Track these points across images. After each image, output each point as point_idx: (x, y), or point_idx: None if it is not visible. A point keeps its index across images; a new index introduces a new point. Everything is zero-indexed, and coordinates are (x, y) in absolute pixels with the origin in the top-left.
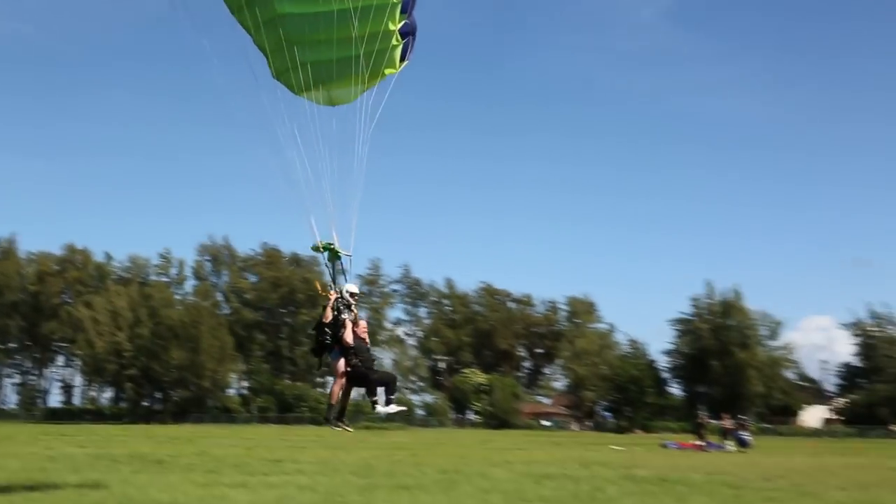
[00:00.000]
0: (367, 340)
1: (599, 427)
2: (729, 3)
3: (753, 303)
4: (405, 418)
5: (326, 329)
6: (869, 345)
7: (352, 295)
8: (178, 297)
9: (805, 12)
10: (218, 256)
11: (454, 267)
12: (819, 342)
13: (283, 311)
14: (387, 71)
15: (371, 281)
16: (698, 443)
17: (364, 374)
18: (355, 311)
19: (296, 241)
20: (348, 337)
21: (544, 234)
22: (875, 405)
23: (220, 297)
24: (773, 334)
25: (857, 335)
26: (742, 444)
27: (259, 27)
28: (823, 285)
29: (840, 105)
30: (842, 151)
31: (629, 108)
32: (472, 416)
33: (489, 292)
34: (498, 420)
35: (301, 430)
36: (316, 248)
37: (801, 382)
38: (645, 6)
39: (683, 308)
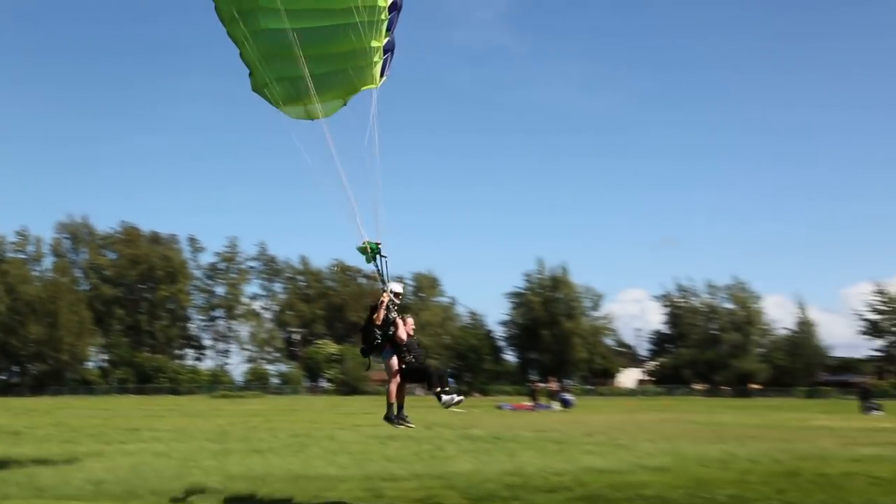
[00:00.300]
0: (415, 337)
1: None
2: (555, 6)
3: (578, 277)
4: (261, 387)
5: (377, 329)
6: (676, 314)
7: (396, 294)
8: (35, 273)
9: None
10: (77, 234)
11: (309, 245)
12: (634, 312)
13: (143, 286)
14: (366, 86)
15: (228, 258)
16: (529, 404)
17: (423, 369)
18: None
19: (155, 221)
20: (402, 335)
21: (392, 216)
22: (680, 367)
23: (79, 273)
24: (595, 305)
25: (665, 306)
26: (565, 404)
27: (246, 41)
28: (638, 261)
29: (652, 94)
30: (652, 138)
31: (468, 100)
32: (324, 384)
33: (341, 269)
34: (349, 387)
35: (159, 400)
36: (363, 249)
37: (618, 348)
38: (484, 7)
39: (517, 283)
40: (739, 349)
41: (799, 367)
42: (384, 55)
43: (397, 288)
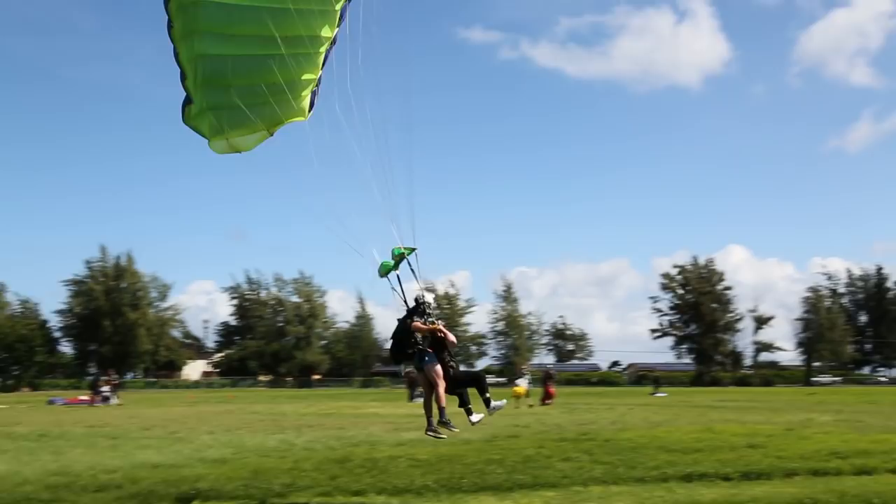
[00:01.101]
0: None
1: None
2: None
3: (146, 267)
4: None
5: (416, 336)
6: (244, 306)
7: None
8: None
9: None
10: None
11: None
12: (203, 304)
13: None
14: (294, 119)
15: None
16: (87, 398)
17: (473, 375)
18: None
19: None
20: (453, 338)
21: None
22: (247, 359)
23: None
24: (163, 296)
25: (234, 297)
26: (106, 400)
27: (188, 64)
28: (209, 252)
29: None
30: None
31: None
32: None
33: None
34: None
35: None
36: (400, 255)
37: (185, 340)
38: None
39: (78, 270)
40: (303, 341)
41: (357, 359)
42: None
43: (430, 297)
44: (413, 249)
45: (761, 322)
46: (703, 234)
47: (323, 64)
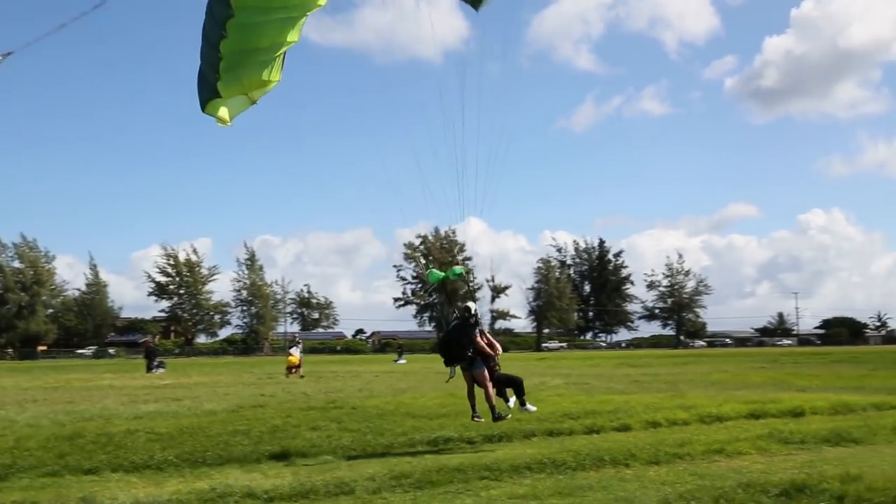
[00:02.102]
0: None
1: None
2: None
3: None
4: None
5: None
6: None
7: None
8: None
9: None
10: None
11: None
12: None
13: None
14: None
15: None
16: None
17: (513, 379)
18: None
19: None
20: (500, 349)
21: None
22: None
23: None
24: None
25: None
26: None
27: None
28: None
29: None
30: None
31: None
32: None
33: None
34: None
35: None
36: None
37: None
38: None
39: None
40: (26, 309)
41: (89, 328)
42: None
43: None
44: (469, 270)
45: (498, 291)
46: (445, 207)
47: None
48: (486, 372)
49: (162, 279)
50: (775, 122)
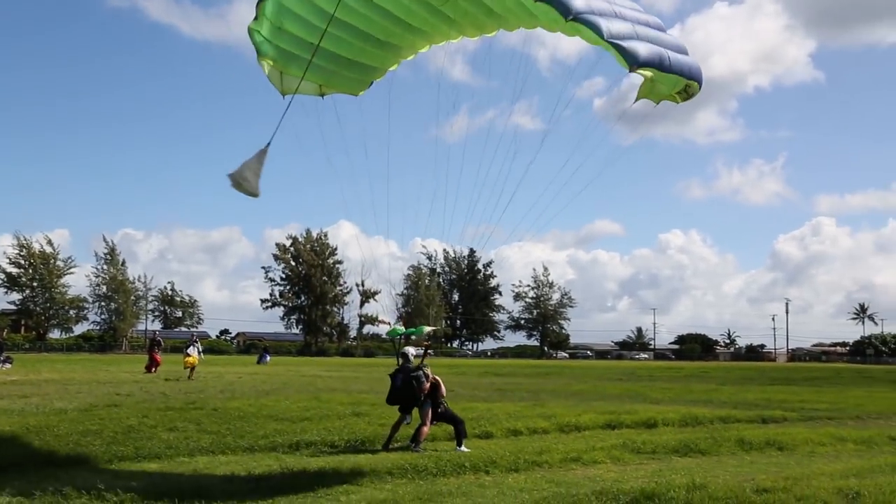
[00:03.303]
0: None
1: None
2: None
3: None
4: None
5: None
6: None
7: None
8: None
9: None
10: None
11: None
12: None
13: None
14: None
15: None
16: None
17: (454, 417)
18: None
19: None
20: (444, 390)
21: None
22: None
23: None
24: None
25: None
26: None
27: None
28: None
29: None
30: None
31: None
32: None
33: None
34: None
35: None
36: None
37: None
38: None
39: None
40: None
41: None
42: None
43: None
44: (435, 329)
45: (367, 296)
46: (316, 209)
47: None
48: (430, 411)
49: (13, 270)
50: (641, 143)
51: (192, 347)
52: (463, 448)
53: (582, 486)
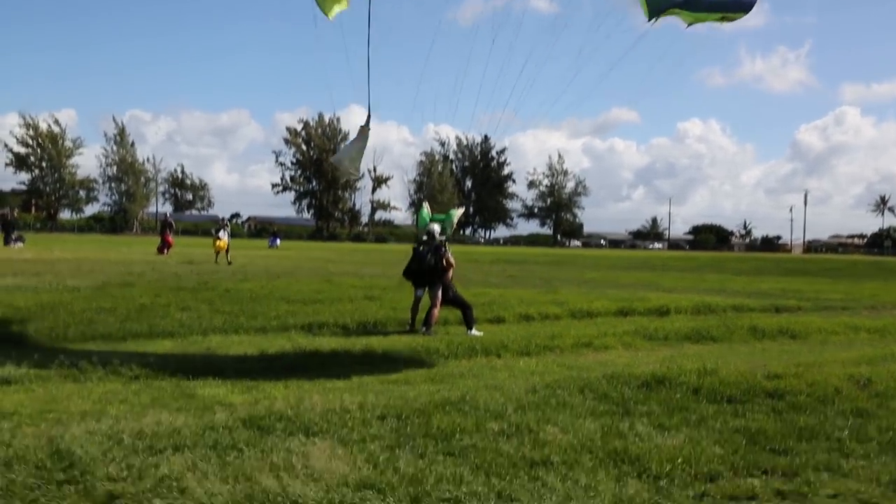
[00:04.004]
0: None
1: None
2: None
3: None
4: None
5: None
6: None
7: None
8: None
9: None
10: None
11: None
12: None
13: None
14: None
15: None
16: None
17: (465, 305)
18: None
19: None
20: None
21: None
22: None
23: None
24: None
25: None
26: None
27: None
28: None
29: None
30: None
31: None
32: None
33: None
34: None
35: None
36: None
37: None
38: None
39: None
40: None
41: None
42: None
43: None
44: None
45: (379, 182)
46: (326, 93)
47: None
48: (440, 292)
49: (21, 150)
50: (661, 29)
51: (222, 231)
52: (474, 331)
53: (593, 369)
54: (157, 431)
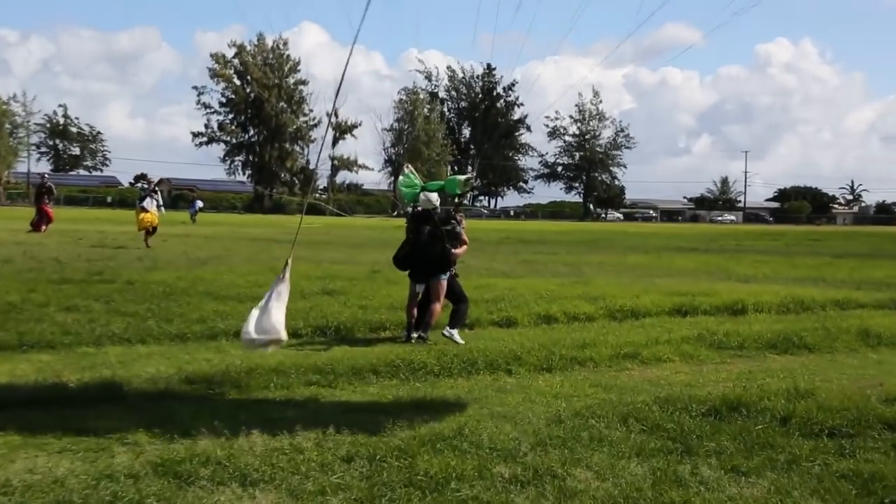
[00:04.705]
0: None
1: None
2: None
3: None
4: None
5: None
6: None
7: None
8: None
9: None
10: None
11: None
12: None
13: None
14: None
15: None
16: None
17: (462, 297)
18: None
19: None
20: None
21: None
22: None
23: None
24: None
25: None
26: None
27: None
28: None
29: None
30: None
31: None
32: None
33: None
34: None
35: None
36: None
37: None
38: None
39: None
40: None
41: None
42: None
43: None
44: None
45: (342, 131)
46: (269, 5)
47: None
48: (444, 283)
49: None
50: None
51: (148, 199)
52: (455, 335)
53: (640, 391)
54: (31, 483)
